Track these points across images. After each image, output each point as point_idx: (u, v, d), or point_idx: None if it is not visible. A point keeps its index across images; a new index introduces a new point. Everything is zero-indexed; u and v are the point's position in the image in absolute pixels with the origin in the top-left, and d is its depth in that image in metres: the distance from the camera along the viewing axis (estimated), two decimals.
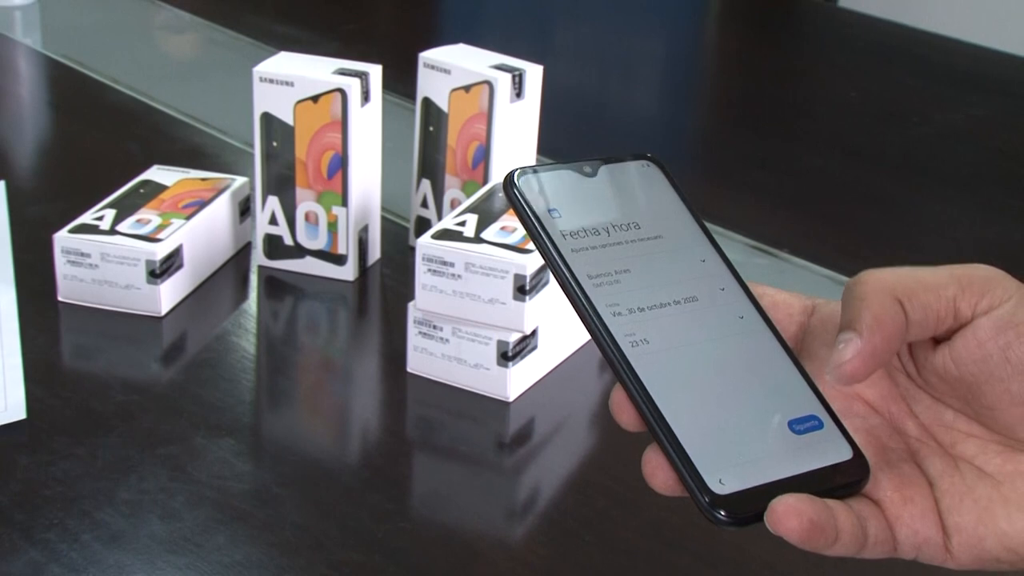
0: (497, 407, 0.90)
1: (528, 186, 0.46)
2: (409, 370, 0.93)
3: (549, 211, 0.46)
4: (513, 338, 0.89)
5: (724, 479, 0.42)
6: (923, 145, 1.47)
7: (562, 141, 1.27)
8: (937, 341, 0.45)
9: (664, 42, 1.89)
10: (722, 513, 0.41)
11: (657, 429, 0.42)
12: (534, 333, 0.91)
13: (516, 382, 0.91)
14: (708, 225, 0.49)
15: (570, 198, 0.47)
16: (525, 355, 0.91)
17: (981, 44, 1.74)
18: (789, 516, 0.40)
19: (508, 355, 0.89)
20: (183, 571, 0.74)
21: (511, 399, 0.91)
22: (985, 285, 0.43)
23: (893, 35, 1.85)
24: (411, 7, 1.95)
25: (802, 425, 0.44)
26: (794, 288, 0.50)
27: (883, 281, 0.43)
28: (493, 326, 0.89)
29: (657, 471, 0.43)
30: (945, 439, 0.45)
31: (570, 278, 0.45)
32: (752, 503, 0.41)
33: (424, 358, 0.92)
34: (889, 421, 0.46)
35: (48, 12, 1.66)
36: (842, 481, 0.43)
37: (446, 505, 0.83)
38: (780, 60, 1.77)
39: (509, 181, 0.46)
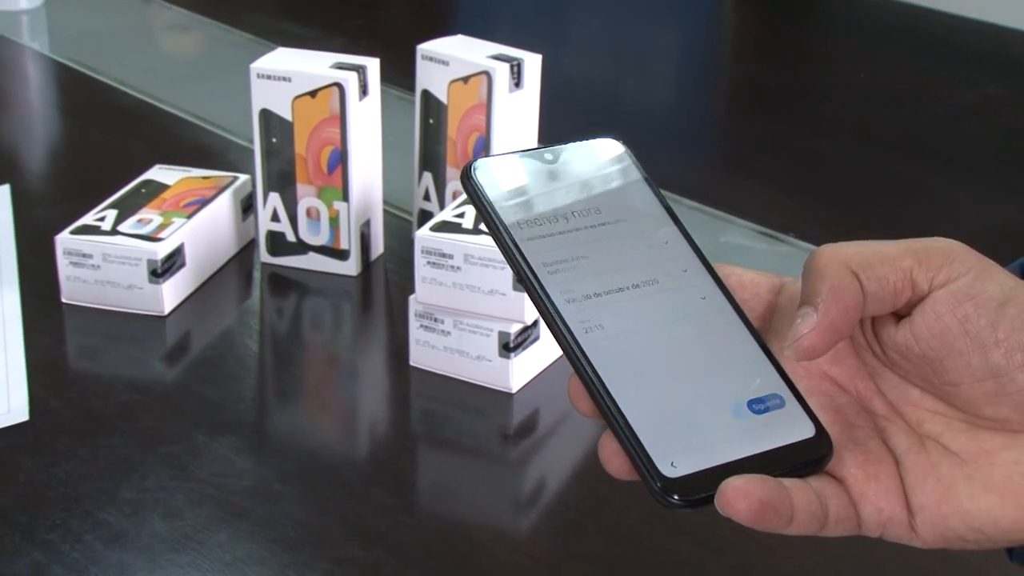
0: (500, 399, 0.90)
1: (485, 176, 0.45)
2: (412, 364, 0.93)
3: (505, 200, 0.45)
4: (514, 329, 0.89)
5: (676, 462, 0.41)
6: (933, 126, 1.45)
7: (566, 130, 1.27)
8: (898, 317, 0.44)
9: (671, 30, 1.88)
10: (674, 497, 0.40)
11: (610, 414, 0.42)
12: (535, 324, 0.90)
13: (518, 373, 0.90)
14: (675, 207, 0.48)
15: (529, 186, 0.46)
16: (527, 346, 0.90)
17: (992, 22, 1.72)
18: (737, 498, 0.40)
19: (510, 346, 0.89)
20: (185, 569, 0.74)
21: (514, 390, 0.90)
22: (943, 258, 0.42)
23: (901, 15, 1.83)
24: (417, 2, 1.94)
25: (762, 404, 0.43)
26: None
27: (839, 254, 0.43)
28: (494, 317, 0.89)
29: (612, 457, 0.42)
30: (912, 417, 0.45)
31: (524, 267, 0.44)
32: (706, 485, 0.41)
33: (426, 351, 0.92)
34: (856, 399, 0.46)
35: (54, 16, 1.67)
36: (804, 459, 0.43)
37: (449, 498, 0.83)
38: (787, 44, 1.76)
39: (466, 172, 0.45)
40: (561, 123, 1.16)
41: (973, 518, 0.42)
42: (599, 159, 0.48)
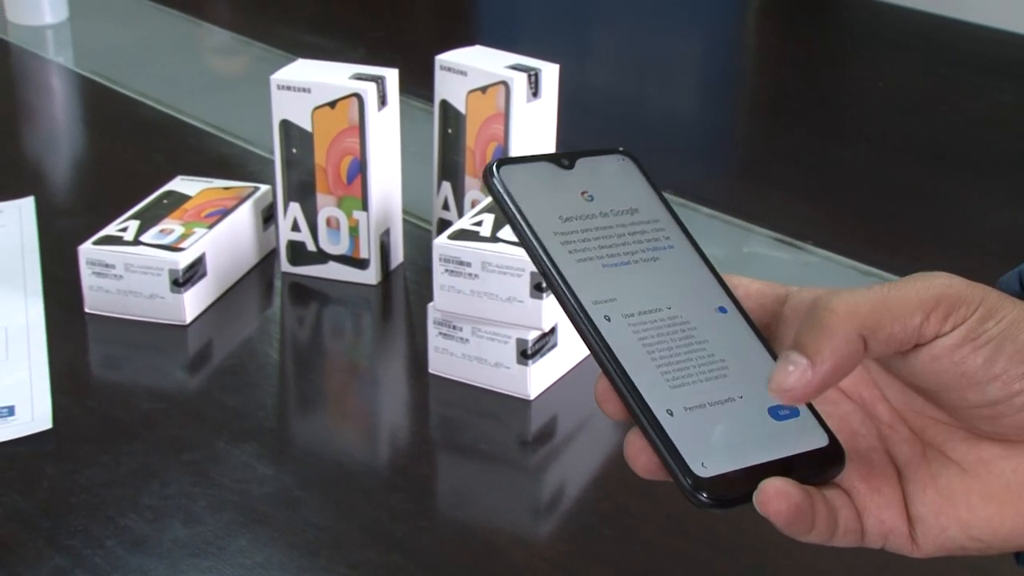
0: (519, 405, 0.91)
1: (509, 176, 0.46)
2: (431, 371, 0.94)
3: (530, 200, 0.46)
4: (532, 336, 0.89)
5: (707, 462, 0.42)
6: (950, 134, 1.45)
7: (584, 139, 1.27)
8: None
9: (689, 39, 1.89)
10: (704, 495, 0.41)
11: (640, 414, 0.43)
12: (553, 330, 0.91)
13: (537, 380, 0.91)
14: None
15: (550, 189, 0.47)
16: (545, 353, 0.91)
17: (1009, 30, 1.72)
18: (779, 499, 0.41)
19: (528, 353, 0.90)
20: (205, 574, 0.75)
21: (532, 397, 0.91)
22: (950, 307, 0.42)
23: (918, 23, 1.83)
24: (439, 13, 1.96)
25: (781, 411, 0.44)
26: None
27: (853, 315, 0.41)
28: (512, 324, 0.89)
29: (640, 454, 0.43)
30: (916, 424, 0.45)
31: (551, 267, 0.45)
32: (733, 486, 0.42)
33: (445, 359, 0.93)
34: (861, 406, 0.46)
35: (79, 30, 1.68)
36: (819, 468, 0.43)
37: (467, 504, 0.84)
38: (804, 52, 1.76)
39: (489, 171, 0.46)
40: (579, 132, 1.17)
41: (972, 527, 0.42)
42: (611, 168, 0.49)
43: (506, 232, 0.91)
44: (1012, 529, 0.42)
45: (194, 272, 0.99)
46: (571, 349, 0.93)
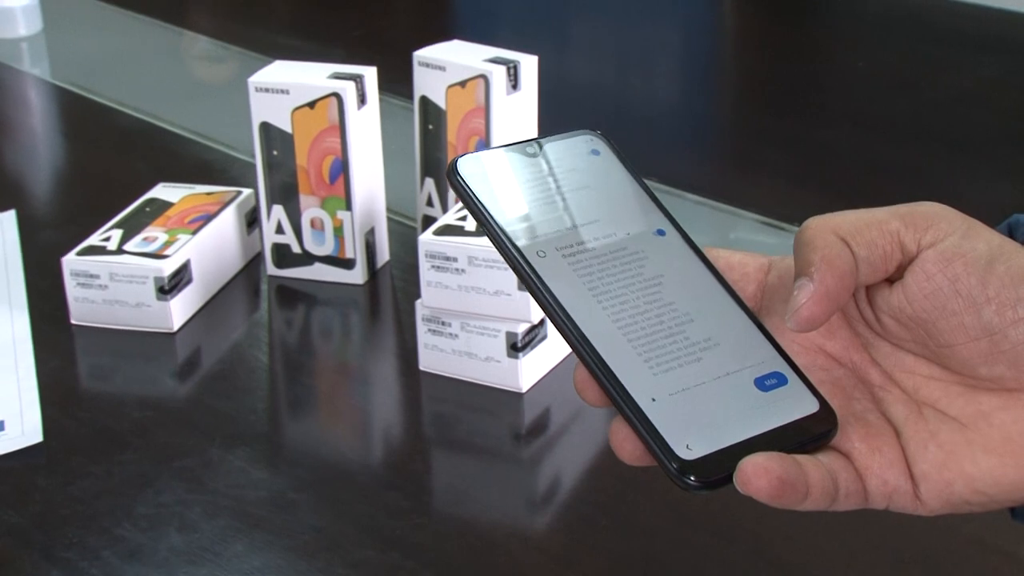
0: (511, 399, 0.90)
1: (472, 171, 0.46)
2: (421, 368, 0.93)
3: (493, 194, 0.45)
4: (522, 329, 0.89)
5: (691, 444, 0.41)
6: (935, 111, 1.45)
7: (565, 129, 1.27)
8: (891, 282, 0.44)
9: (668, 27, 1.89)
10: (691, 478, 0.41)
11: (620, 401, 0.42)
12: (542, 323, 0.90)
13: (528, 373, 0.90)
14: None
15: (515, 179, 0.46)
16: (535, 345, 0.90)
17: (988, 5, 1.72)
18: (758, 475, 0.40)
19: (518, 346, 0.89)
20: None
21: (524, 390, 0.90)
22: (928, 219, 0.43)
23: (897, 3, 1.83)
24: (415, 9, 1.95)
25: (768, 382, 0.44)
26: None
27: (828, 224, 0.43)
28: (501, 318, 0.89)
29: (624, 443, 0.42)
30: (908, 384, 0.45)
31: (519, 259, 0.44)
32: (721, 465, 0.41)
33: (435, 355, 0.92)
34: (852, 371, 0.46)
35: (54, 42, 1.68)
36: (811, 435, 0.43)
37: (463, 499, 0.83)
38: (784, 35, 1.76)
39: (451, 169, 0.45)
40: (560, 124, 1.16)
41: (976, 481, 0.42)
42: (580, 151, 0.48)
43: None
44: (1015, 481, 0.42)
45: (179, 279, 0.99)
46: (561, 341, 0.93)
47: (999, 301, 0.41)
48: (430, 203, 1.09)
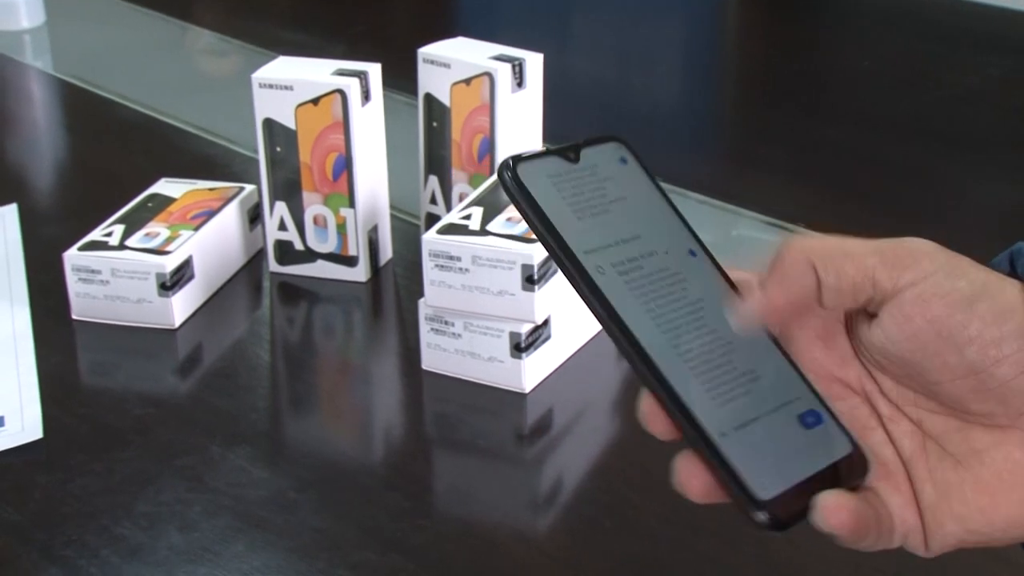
0: (514, 399, 0.90)
1: (529, 175, 0.43)
2: (424, 367, 0.93)
3: (549, 201, 0.43)
4: (525, 329, 0.88)
5: (765, 482, 0.40)
6: (938, 110, 1.45)
7: (571, 128, 1.26)
8: (871, 317, 0.43)
9: (672, 24, 1.88)
10: (771, 517, 0.40)
11: (695, 436, 0.41)
12: (546, 323, 0.90)
13: (531, 373, 0.90)
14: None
15: (565, 187, 0.44)
16: (539, 345, 0.90)
17: (993, 4, 1.71)
18: (840, 510, 0.40)
19: (521, 346, 0.89)
20: None
21: (527, 391, 0.90)
22: (910, 257, 0.42)
23: (903, 1, 1.83)
24: (419, 5, 1.94)
25: (809, 419, 0.43)
26: None
27: (803, 245, 0.43)
28: (504, 318, 0.88)
29: (692, 480, 0.41)
30: (914, 416, 0.44)
31: (583, 279, 0.42)
32: (793, 503, 0.40)
33: (438, 354, 0.92)
34: (865, 400, 0.46)
35: (57, 34, 1.67)
36: (851, 475, 0.42)
37: (465, 500, 0.83)
38: (789, 33, 1.76)
39: (509, 170, 0.43)
40: (565, 122, 1.16)
41: (967, 520, 0.42)
42: (612, 159, 0.46)
43: (496, 225, 0.90)
44: (1007, 518, 0.41)
45: (181, 275, 0.98)
46: (565, 341, 0.93)
47: (981, 341, 0.40)
48: (433, 201, 1.09)
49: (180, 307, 0.98)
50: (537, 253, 0.86)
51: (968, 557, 0.74)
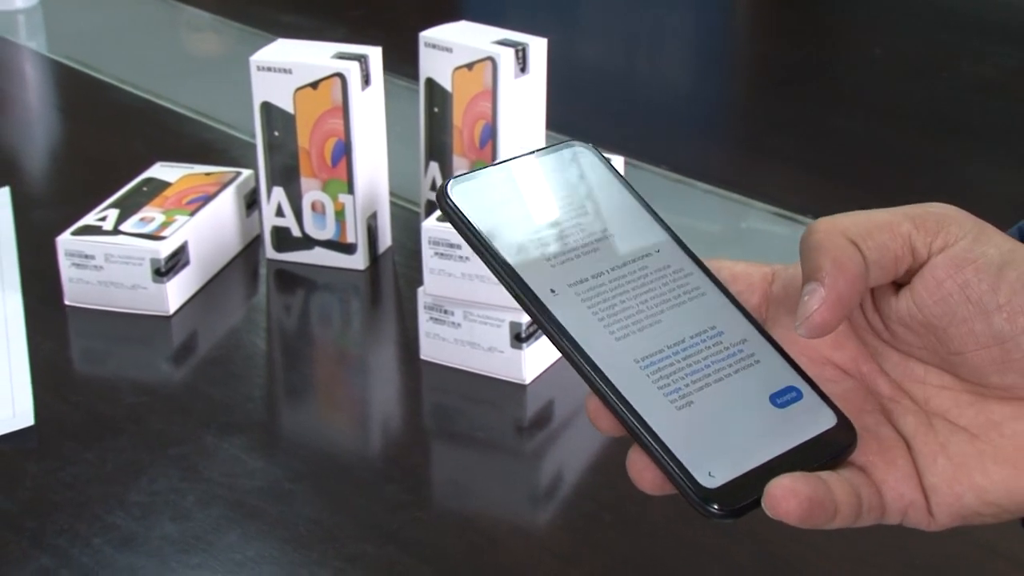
0: (513, 390, 0.88)
1: (466, 197, 0.42)
2: (422, 357, 0.91)
3: (491, 223, 0.42)
4: (526, 319, 0.87)
5: (713, 471, 0.39)
6: (951, 100, 1.43)
7: (575, 115, 1.25)
8: (899, 286, 0.43)
9: (681, 10, 1.86)
10: (716, 507, 0.39)
11: (638, 431, 0.40)
12: None
13: (531, 364, 0.88)
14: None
15: (513, 204, 0.43)
16: (539, 336, 0.88)
17: None
18: (787, 498, 0.38)
19: (522, 336, 0.87)
20: (195, 571, 0.72)
21: (527, 382, 0.88)
22: (940, 222, 0.41)
23: None
24: None
25: (783, 398, 0.42)
26: None
27: (837, 226, 0.42)
28: (505, 307, 0.87)
29: (644, 472, 0.41)
30: (918, 395, 0.43)
31: (523, 293, 0.42)
32: (746, 490, 0.39)
33: (437, 344, 0.90)
34: (861, 382, 0.45)
35: (51, 15, 1.65)
36: (831, 450, 0.41)
37: (464, 493, 0.81)
38: (800, 21, 1.74)
39: (443, 194, 0.42)
40: (570, 108, 1.14)
41: (987, 492, 0.41)
42: (571, 164, 0.45)
43: None
44: None
45: (176, 261, 0.97)
46: None
47: (1010, 308, 0.40)
48: (434, 188, 1.07)
49: (175, 294, 0.97)
50: None
51: (969, 555, 0.72)
